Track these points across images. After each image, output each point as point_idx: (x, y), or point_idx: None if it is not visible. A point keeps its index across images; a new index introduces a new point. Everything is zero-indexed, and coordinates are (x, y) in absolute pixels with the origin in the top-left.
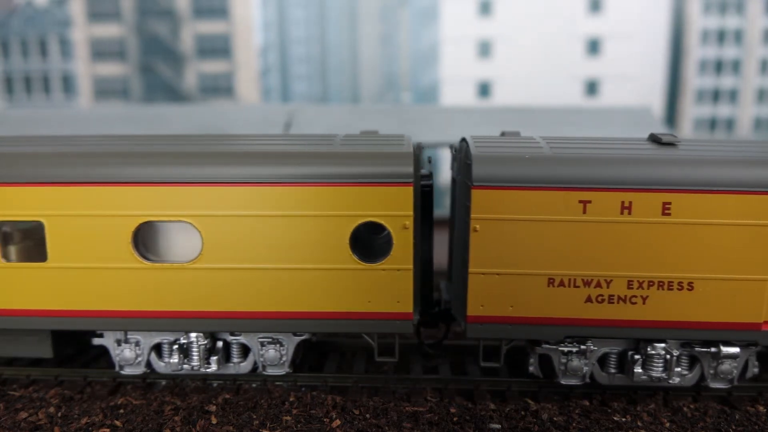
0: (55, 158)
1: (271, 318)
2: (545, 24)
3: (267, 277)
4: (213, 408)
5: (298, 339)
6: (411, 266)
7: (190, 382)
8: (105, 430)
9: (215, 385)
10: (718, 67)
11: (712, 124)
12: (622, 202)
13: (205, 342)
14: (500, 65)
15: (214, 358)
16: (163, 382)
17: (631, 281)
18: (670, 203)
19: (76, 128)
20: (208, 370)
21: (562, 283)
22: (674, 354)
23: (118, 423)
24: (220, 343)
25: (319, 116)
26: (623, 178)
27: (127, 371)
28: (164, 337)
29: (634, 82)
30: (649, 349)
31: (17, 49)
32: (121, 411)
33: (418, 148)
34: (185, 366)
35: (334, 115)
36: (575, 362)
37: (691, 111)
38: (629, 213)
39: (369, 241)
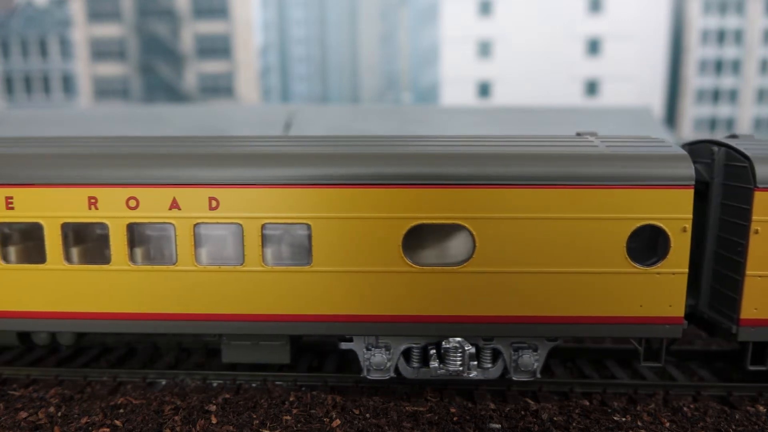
0: (324, 159)
1: (530, 322)
2: (545, 24)
3: (536, 280)
4: (213, 408)
5: (551, 344)
6: (686, 270)
7: (189, 381)
8: (105, 429)
9: (215, 384)
10: (718, 67)
11: (712, 124)
12: None
13: (471, 347)
14: (500, 65)
15: (473, 363)
16: (163, 382)
17: None
18: None
19: (77, 128)
20: (470, 375)
21: None
22: None
23: (118, 423)
24: (472, 348)
25: (319, 116)
26: None
27: (373, 376)
28: (414, 342)
29: (634, 82)
30: None
31: (17, 49)
32: (121, 411)
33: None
34: (441, 371)
35: (335, 115)
36: None
37: (691, 111)
38: None
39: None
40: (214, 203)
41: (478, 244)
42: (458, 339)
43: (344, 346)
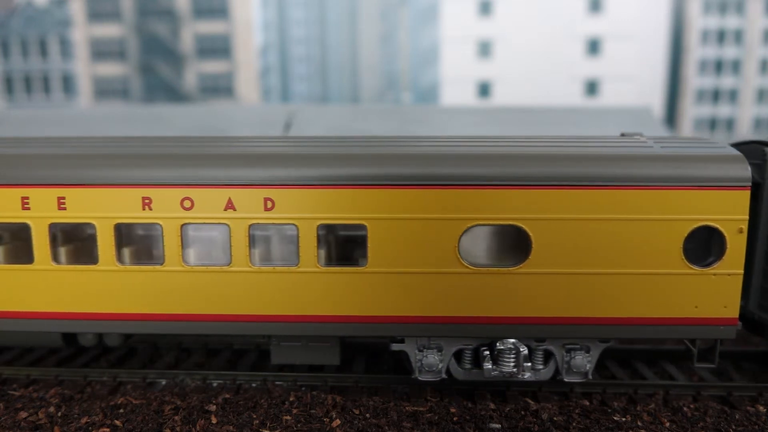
0: (380, 159)
1: (584, 323)
2: (545, 24)
3: (592, 281)
4: (213, 408)
5: (603, 345)
6: (742, 271)
7: (189, 381)
8: (105, 429)
9: (215, 384)
10: (718, 67)
11: (712, 124)
12: None
13: (524, 349)
14: (500, 65)
15: (527, 365)
16: (163, 382)
17: None
18: None
19: (77, 128)
20: (524, 376)
21: None
22: None
23: (118, 423)
24: (526, 349)
25: (319, 116)
26: None
27: (425, 378)
28: (467, 343)
29: (634, 82)
30: None
31: (17, 49)
32: (121, 411)
33: None
34: (494, 373)
35: (335, 116)
36: None
37: (691, 111)
38: None
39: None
40: (269, 204)
41: (534, 246)
42: (512, 340)
43: (395, 347)
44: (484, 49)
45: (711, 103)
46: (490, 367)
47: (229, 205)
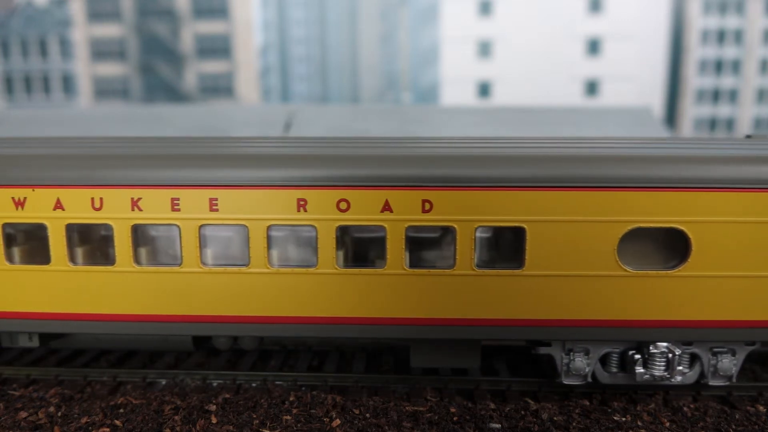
0: (544, 161)
1: (732, 326)
2: (545, 24)
3: (746, 284)
4: (213, 407)
5: (749, 348)
6: None
7: (190, 381)
8: (105, 429)
9: (215, 384)
10: (718, 67)
11: (712, 124)
12: None
13: (679, 351)
14: (500, 65)
15: (679, 368)
16: (163, 382)
17: None
18: None
19: (77, 128)
20: (675, 380)
21: None
22: None
23: (118, 422)
24: (679, 352)
25: (319, 116)
26: None
27: (570, 381)
28: (615, 347)
29: (634, 82)
30: None
31: (17, 49)
32: (121, 411)
33: None
34: (646, 377)
35: (335, 116)
36: None
37: (691, 111)
38: None
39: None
40: (427, 206)
41: (694, 248)
42: (665, 344)
43: (543, 350)
44: (484, 49)
45: (711, 103)
46: (642, 371)
47: (386, 207)
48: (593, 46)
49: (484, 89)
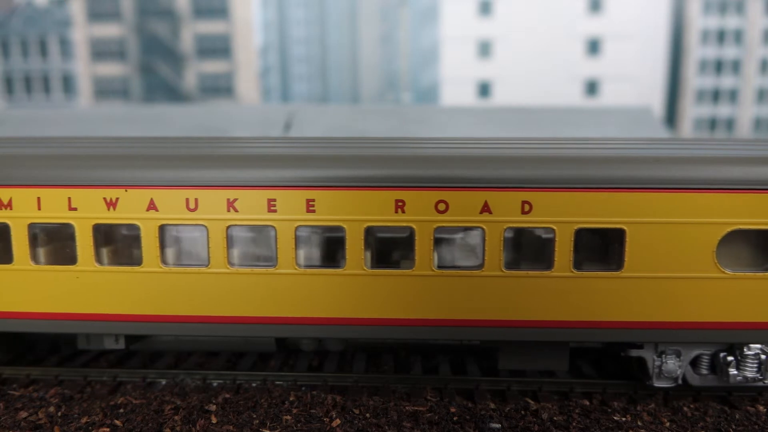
0: (646, 162)
1: None
2: (545, 24)
3: None
4: (213, 407)
5: None
6: None
7: (189, 381)
8: (105, 429)
9: (215, 384)
10: (718, 67)
11: (712, 124)
12: None
13: None
14: (500, 65)
15: None
16: (163, 382)
17: None
18: None
19: (77, 128)
20: (767, 381)
21: None
22: None
23: (118, 422)
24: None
25: (319, 116)
26: None
27: (660, 384)
28: (706, 349)
29: (634, 82)
30: None
31: (17, 49)
32: (121, 410)
33: None
34: (739, 378)
35: (334, 116)
36: None
37: (691, 111)
38: None
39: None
40: (527, 207)
41: None
42: (759, 345)
43: (634, 353)
44: (484, 49)
45: (711, 103)
46: (736, 372)
47: (485, 209)
48: (593, 46)
49: (484, 89)
